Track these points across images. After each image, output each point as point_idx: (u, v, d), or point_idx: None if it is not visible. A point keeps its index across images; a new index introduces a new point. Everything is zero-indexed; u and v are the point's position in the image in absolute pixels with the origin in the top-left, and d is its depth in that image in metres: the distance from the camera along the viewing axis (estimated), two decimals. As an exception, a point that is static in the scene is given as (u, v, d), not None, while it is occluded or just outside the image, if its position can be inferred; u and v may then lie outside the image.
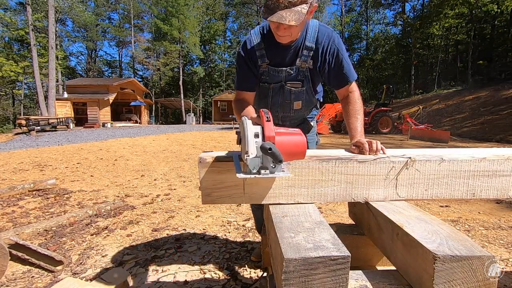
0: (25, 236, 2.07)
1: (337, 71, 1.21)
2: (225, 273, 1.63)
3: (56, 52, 20.05)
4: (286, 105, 1.33)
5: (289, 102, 1.31)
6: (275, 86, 1.28)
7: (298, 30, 1.09)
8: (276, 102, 1.33)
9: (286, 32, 1.06)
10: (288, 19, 0.96)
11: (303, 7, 0.97)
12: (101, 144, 9.05)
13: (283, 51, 1.20)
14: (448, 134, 9.25)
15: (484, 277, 0.57)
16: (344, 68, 1.20)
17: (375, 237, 0.87)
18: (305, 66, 1.22)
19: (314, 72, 1.24)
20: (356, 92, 1.23)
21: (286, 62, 1.22)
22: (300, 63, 1.21)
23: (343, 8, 36.42)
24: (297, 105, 1.32)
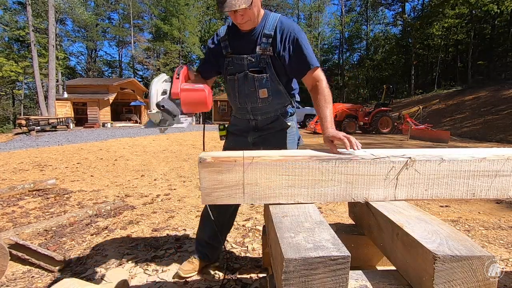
0: (25, 236, 2.07)
1: (297, 57, 1.23)
2: (225, 273, 1.63)
3: (56, 52, 20.05)
4: (252, 94, 1.35)
5: (254, 90, 1.34)
6: (240, 75, 1.33)
7: (255, 13, 1.18)
8: (242, 92, 1.36)
9: (244, 18, 1.16)
10: (238, 4, 1.05)
11: None
12: (101, 144, 9.05)
13: (244, 39, 1.28)
14: (448, 134, 9.25)
15: (484, 277, 0.57)
16: (303, 54, 1.22)
17: (375, 237, 0.87)
18: (265, 53, 1.26)
19: (275, 60, 1.27)
20: (323, 82, 1.24)
21: (247, 50, 1.29)
22: (260, 50, 1.26)
23: (343, 8, 36.42)
24: (262, 93, 1.33)
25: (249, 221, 2.40)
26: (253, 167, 0.83)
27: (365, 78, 35.24)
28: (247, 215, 2.56)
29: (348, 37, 37.58)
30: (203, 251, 1.64)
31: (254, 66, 1.29)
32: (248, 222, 2.38)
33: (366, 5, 35.74)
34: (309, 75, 1.25)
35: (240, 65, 1.31)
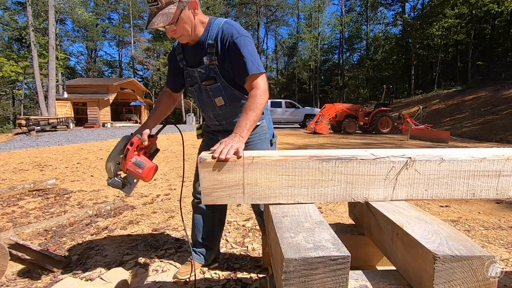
0: (25, 236, 2.07)
1: (236, 64, 1.22)
2: (225, 273, 1.63)
3: (56, 52, 20.05)
4: (210, 103, 1.38)
5: (210, 100, 1.37)
6: (195, 87, 1.38)
7: (186, 28, 1.18)
8: (202, 103, 1.42)
9: (176, 33, 1.18)
10: (156, 23, 1.09)
11: (170, 8, 1.09)
12: (101, 144, 9.04)
13: (194, 51, 1.30)
14: (448, 134, 9.24)
15: (484, 277, 0.57)
16: (241, 61, 1.19)
17: (375, 237, 0.87)
18: (213, 63, 1.27)
19: (223, 68, 1.28)
20: (257, 90, 1.17)
21: (197, 62, 1.31)
22: (207, 61, 1.27)
23: (343, 8, 36.40)
24: (219, 101, 1.35)
25: (249, 221, 2.40)
26: (253, 167, 0.83)
27: (365, 78, 35.22)
28: (247, 215, 2.56)
29: (348, 37, 37.56)
30: (197, 252, 1.65)
31: (205, 77, 1.31)
32: (248, 222, 2.38)
33: (366, 5, 35.73)
34: (248, 82, 1.21)
35: (194, 77, 1.35)
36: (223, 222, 1.72)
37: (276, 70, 43.39)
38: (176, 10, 1.10)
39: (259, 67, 1.20)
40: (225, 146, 0.89)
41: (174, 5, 1.09)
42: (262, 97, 1.16)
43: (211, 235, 1.64)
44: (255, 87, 1.19)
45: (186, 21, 1.15)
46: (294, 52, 39.31)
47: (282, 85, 41.55)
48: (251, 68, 1.19)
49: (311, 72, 38.75)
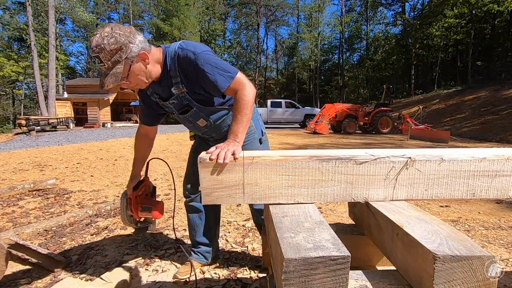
0: (25, 236, 2.07)
1: (208, 85, 1.19)
2: (225, 273, 1.63)
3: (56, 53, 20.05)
4: (195, 126, 1.41)
5: (193, 124, 1.40)
6: (175, 115, 1.40)
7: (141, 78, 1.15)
8: (187, 125, 1.45)
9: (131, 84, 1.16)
10: (107, 84, 1.08)
11: (117, 68, 1.07)
12: (101, 144, 9.05)
13: (159, 87, 1.29)
14: (448, 134, 9.24)
15: (484, 277, 0.57)
16: (211, 81, 1.16)
17: (375, 237, 0.87)
18: (182, 92, 1.26)
19: (194, 93, 1.26)
20: (240, 91, 1.15)
21: (167, 95, 1.30)
22: (176, 91, 1.26)
23: (343, 8, 36.39)
24: (201, 123, 1.37)
25: (249, 221, 2.40)
26: (253, 167, 0.83)
27: (365, 78, 35.22)
28: (247, 215, 2.56)
29: (348, 37, 37.55)
30: (196, 252, 1.66)
31: (180, 106, 1.32)
32: (248, 222, 2.38)
33: (366, 5, 35.72)
34: (228, 92, 1.19)
35: (170, 108, 1.35)
36: (218, 219, 1.73)
37: (276, 70, 43.40)
38: (124, 68, 1.08)
39: (230, 74, 1.16)
40: (221, 150, 0.88)
41: (120, 64, 1.07)
42: (247, 95, 1.15)
43: (208, 233, 1.65)
44: (237, 90, 1.16)
45: (138, 73, 1.13)
46: (294, 52, 39.30)
47: (282, 85, 41.55)
48: (223, 82, 1.15)
49: (311, 72, 38.76)
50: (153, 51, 1.18)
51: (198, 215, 1.63)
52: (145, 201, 1.42)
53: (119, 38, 1.05)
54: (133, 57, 1.09)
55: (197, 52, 1.16)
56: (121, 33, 1.06)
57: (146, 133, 1.50)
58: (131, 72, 1.11)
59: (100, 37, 1.03)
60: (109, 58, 1.04)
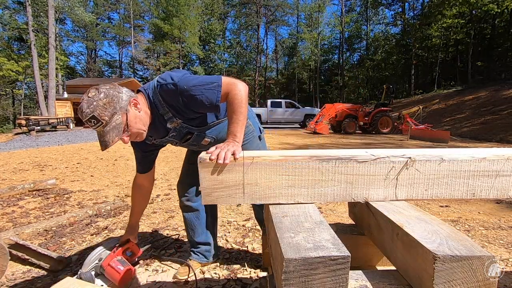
0: (25, 236, 2.07)
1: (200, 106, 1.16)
2: (225, 273, 1.63)
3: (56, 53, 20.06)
4: (200, 147, 1.42)
5: (198, 146, 1.41)
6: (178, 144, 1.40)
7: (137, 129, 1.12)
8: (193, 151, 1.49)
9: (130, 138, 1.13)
10: (111, 140, 1.04)
11: (116, 119, 1.04)
12: (101, 144, 9.04)
13: (154, 129, 1.26)
14: (448, 134, 9.24)
15: (484, 277, 0.57)
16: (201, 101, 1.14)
17: (375, 237, 0.87)
18: (178, 123, 1.25)
19: (189, 121, 1.26)
20: (232, 91, 1.14)
21: (165, 132, 1.29)
22: (172, 125, 1.25)
23: (343, 8, 36.40)
24: (205, 142, 1.37)
25: (249, 221, 2.40)
26: (253, 167, 0.83)
27: (365, 78, 35.23)
28: (247, 215, 2.56)
29: (348, 37, 37.57)
30: (195, 252, 1.66)
31: (180, 137, 1.32)
32: (248, 222, 2.38)
33: (366, 5, 35.73)
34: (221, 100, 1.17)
35: (171, 141, 1.36)
36: (215, 218, 1.73)
37: (276, 70, 43.40)
38: (122, 117, 1.06)
39: (216, 84, 1.14)
40: (221, 150, 0.87)
41: (118, 115, 1.05)
42: (238, 93, 1.13)
43: (206, 232, 1.65)
44: (229, 92, 1.15)
45: (135, 121, 1.10)
46: (294, 52, 39.31)
47: (282, 85, 41.56)
48: (214, 95, 1.13)
49: (311, 72, 38.77)
50: (139, 98, 1.16)
51: (194, 214, 1.62)
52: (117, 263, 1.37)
53: (107, 91, 1.04)
54: (126, 105, 1.07)
55: (176, 81, 1.14)
56: (107, 87, 1.06)
57: (142, 183, 1.49)
58: (129, 121, 1.09)
59: (88, 98, 1.01)
60: (104, 113, 1.01)
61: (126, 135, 1.09)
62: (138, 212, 1.52)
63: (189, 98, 1.14)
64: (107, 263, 1.34)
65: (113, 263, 1.35)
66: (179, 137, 1.32)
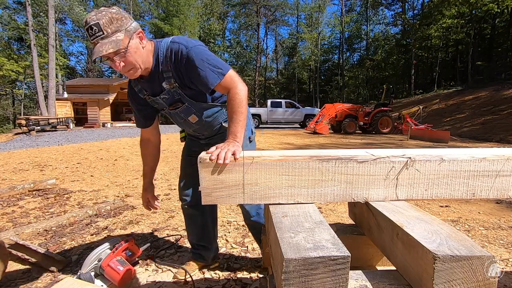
0: (25, 236, 2.07)
1: (199, 81, 1.16)
2: (225, 273, 1.63)
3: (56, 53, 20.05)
4: (186, 123, 1.38)
5: (184, 120, 1.37)
6: (165, 111, 1.37)
7: (134, 62, 1.09)
8: (177, 122, 1.41)
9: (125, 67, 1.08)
10: (105, 49, 0.99)
11: (117, 36, 1.02)
12: (101, 144, 9.05)
13: (149, 83, 1.25)
14: (448, 134, 9.24)
15: (484, 277, 0.57)
16: (200, 76, 1.14)
17: (375, 237, 0.87)
18: (173, 87, 1.23)
19: (185, 88, 1.24)
20: (233, 89, 1.14)
21: (158, 90, 1.26)
22: (167, 85, 1.23)
23: (343, 8, 36.40)
24: (192, 119, 1.35)
25: (249, 221, 2.40)
26: (253, 167, 0.83)
27: (365, 78, 35.24)
28: (247, 215, 2.55)
29: (348, 37, 37.58)
30: (196, 253, 1.66)
31: (170, 101, 1.29)
32: (248, 222, 2.38)
33: (366, 5, 35.74)
34: (219, 89, 1.18)
35: (160, 104, 1.32)
36: (215, 220, 1.72)
37: (276, 70, 43.41)
38: (124, 38, 1.03)
39: (221, 71, 1.14)
40: (221, 150, 0.87)
41: (121, 33, 1.02)
42: (240, 93, 1.13)
43: (206, 234, 1.65)
44: (229, 88, 1.15)
45: (135, 51, 1.08)
46: (294, 52, 39.32)
47: (282, 85, 41.56)
48: (213, 79, 1.13)
49: (311, 72, 38.77)
50: (147, 41, 1.17)
51: (195, 217, 1.62)
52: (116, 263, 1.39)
53: (119, 10, 1.05)
54: (132, 31, 1.06)
55: (189, 46, 1.14)
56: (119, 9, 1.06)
57: (148, 138, 1.48)
58: (129, 47, 1.05)
59: (99, 9, 1.02)
60: (108, 25, 0.99)
61: (120, 58, 1.05)
62: (149, 170, 1.51)
63: (193, 68, 1.14)
64: (107, 264, 1.34)
65: (112, 264, 1.35)
66: (169, 101, 1.29)
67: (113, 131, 15.37)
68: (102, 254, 1.41)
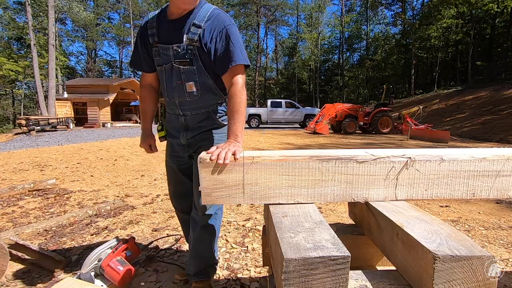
0: (25, 236, 2.07)
1: (222, 50, 1.17)
2: (225, 273, 1.63)
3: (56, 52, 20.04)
4: (179, 87, 1.27)
5: (181, 83, 1.26)
6: (166, 67, 1.27)
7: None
8: (170, 86, 1.30)
9: None
10: None
11: None
12: (101, 144, 9.04)
13: (172, 27, 1.22)
14: (448, 134, 9.24)
15: (484, 277, 0.57)
16: (229, 48, 1.16)
17: (375, 237, 0.87)
18: (193, 44, 1.19)
19: (203, 52, 1.20)
20: (238, 85, 1.15)
21: (174, 39, 1.21)
22: (187, 40, 1.19)
23: (343, 8, 36.42)
24: (189, 87, 1.26)
25: (249, 221, 2.41)
26: (253, 167, 0.83)
27: (365, 78, 35.24)
28: (247, 215, 2.56)
29: (348, 37, 37.59)
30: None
31: (181, 57, 1.22)
32: (248, 222, 2.39)
33: (366, 5, 35.74)
34: (229, 73, 1.17)
35: (167, 56, 1.24)
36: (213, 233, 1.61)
37: (276, 70, 43.40)
38: None
39: (246, 58, 1.18)
40: (222, 150, 0.87)
41: None
42: (243, 94, 1.15)
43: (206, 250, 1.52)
44: (234, 83, 1.15)
45: None
46: (294, 52, 39.33)
47: (282, 85, 41.56)
48: (238, 57, 1.15)
49: (311, 72, 38.77)
50: None
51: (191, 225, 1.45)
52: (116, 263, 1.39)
53: None
54: None
55: (232, 22, 1.21)
56: None
57: (150, 83, 1.43)
58: None
59: None
60: None
61: None
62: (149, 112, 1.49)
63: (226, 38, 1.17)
64: (107, 264, 1.35)
65: (112, 264, 1.35)
66: (180, 56, 1.22)
67: (113, 131, 15.37)
68: (102, 254, 1.41)
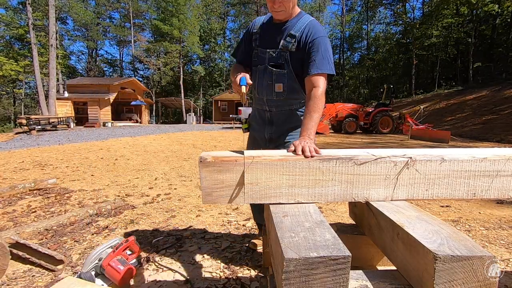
0: (26, 235, 2.07)
1: (312, 58, 1.28)
2: (225, 273, 1.63)
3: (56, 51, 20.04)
4: (269, 87, 1.44)
5: (271, 84, 1.43)
6: (261, 67, 1.44)
7: (290, 6, 1.31)
8: (261, 84, 1.47)
9: (280, 6, 1.29)
10: None
11: None
12: (102, 143, 9.05)
13: (271, 31, 1.40)
14: (449, 134, 9.22)
15: (484, 277, 0.57)
16: (317, 56, 1.27)
17: (376, 237, 0.87)
18: (285, 50, 1.35)
19: (294, 58, 1.35)
20: (319, 89, 1.26)
21: (272, 44, 1.39)
22: (282, 47, 1.36)
23: (343, 7, 36.38)
24: (278, 88, 1.43)
25: (249, 221, 2.41)
26: (253, 167, 0.83)
27: (365, 78, 35.19)
28: (247, 215, 2.56)
29: (348, 37, 37.54)
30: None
31: (274, 60, 1.39)
32: (248, 222, 2.39)
33: (366, 4, 35.68)
34: (314, 78, 1.28)
35: (263, 58, 1.42)
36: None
37: (277, 70, 43.26)
38: None
39: (332, 68, 1.30)
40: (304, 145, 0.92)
41: None
42: (322, 98, 1.25)
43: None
44: (317, 86, 1.25)
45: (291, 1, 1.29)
46: (295, 52, 39.20)
47: (282, 84, 41.44)
48: (325, 66, 1.27)
49: (312, 72, 38.65)
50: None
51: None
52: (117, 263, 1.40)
53: None
54: None
55: (326, 35, 1.34)
56: None
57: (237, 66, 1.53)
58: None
59: None
60: None
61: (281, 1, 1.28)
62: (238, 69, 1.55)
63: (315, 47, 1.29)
64: (107, 263, 1.35)
65: (113, 263, 1.35)
66: (273, 60, 1.39)
67: (114, 130, 15.37)
68: (103, 253, 1.42)
